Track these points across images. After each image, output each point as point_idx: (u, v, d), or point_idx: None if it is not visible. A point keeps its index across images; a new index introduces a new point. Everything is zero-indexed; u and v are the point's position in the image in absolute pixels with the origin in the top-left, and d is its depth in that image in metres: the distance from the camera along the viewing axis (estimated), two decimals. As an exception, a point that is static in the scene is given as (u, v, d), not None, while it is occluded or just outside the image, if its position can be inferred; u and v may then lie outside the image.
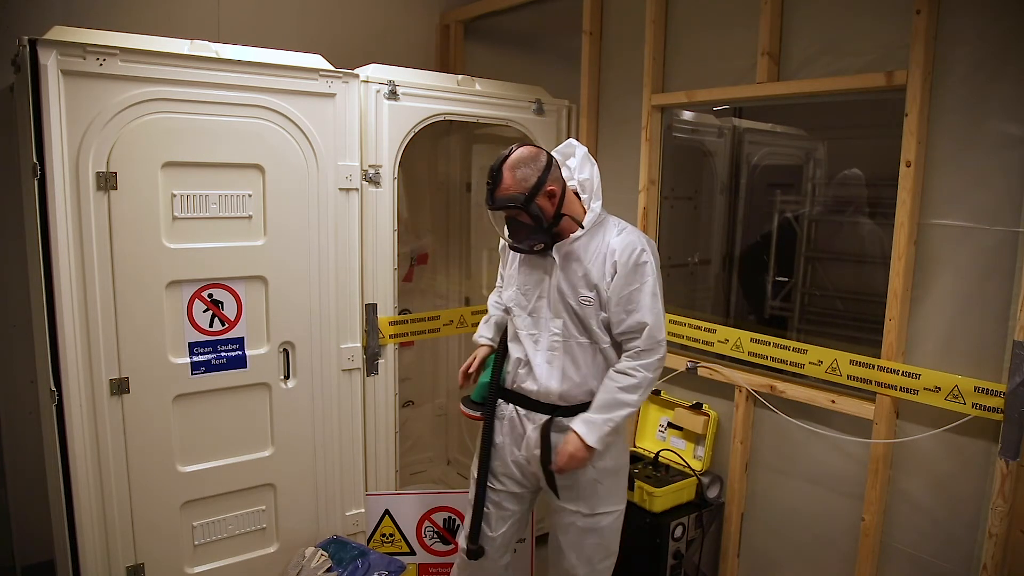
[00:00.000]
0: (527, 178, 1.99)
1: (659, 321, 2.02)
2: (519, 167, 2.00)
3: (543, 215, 2.01)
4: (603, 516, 2.15)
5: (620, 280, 2.02)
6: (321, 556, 2.54)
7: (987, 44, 2.07)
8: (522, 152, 2.03)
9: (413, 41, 3.89)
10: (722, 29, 2.75)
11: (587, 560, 2.17)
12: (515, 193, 1.99)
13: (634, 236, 2.07)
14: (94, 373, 2.17)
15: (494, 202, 2.02)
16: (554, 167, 2.05)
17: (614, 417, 2.01)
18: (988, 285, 2.10)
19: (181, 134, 2.25)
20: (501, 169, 2.01)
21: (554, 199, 2.02)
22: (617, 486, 2.18)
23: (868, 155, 3.62)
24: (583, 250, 2.06)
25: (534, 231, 2.04)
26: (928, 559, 2.27)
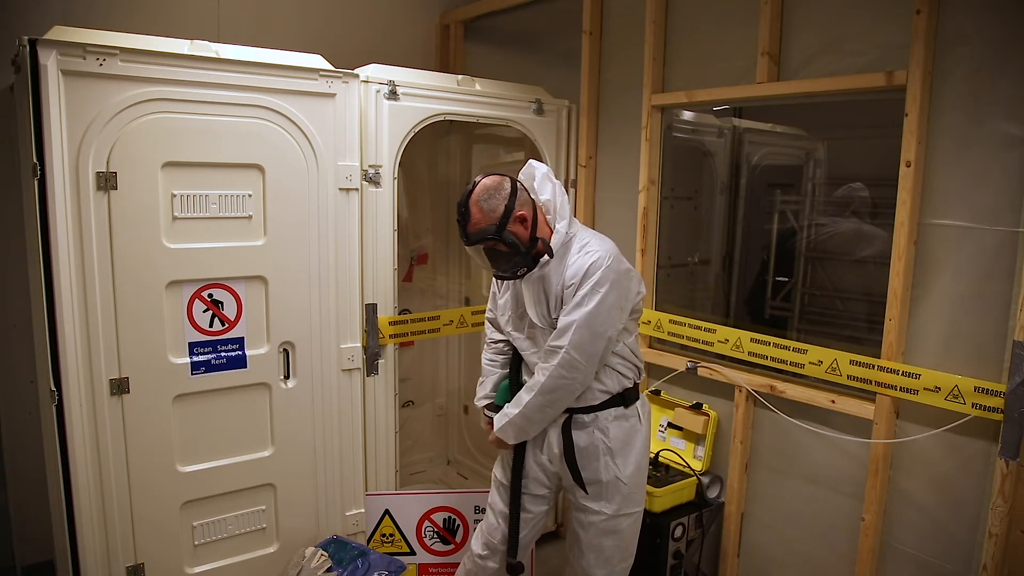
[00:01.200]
0: (495, 208, 2.00)
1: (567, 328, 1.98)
2: (485, 200, 2.01)
3: (519, 241, 2.02)
4: (625, 517, 2.17)
5: (571, 293, 2.02)
6: (321, 556, 2.54)
7: (987, 44, 2.07)
8: (486, 183, 2.04)
9: (413, 41, 3.89)
10: (722, 29, 2.75)
11: (606, 561, 2.18)
12: (486, 225, 2.00)
13: (594, 251, 2.03)
14: (94, 373, 2.17)
15: (468, 237, 2.03)
16: (520, 191, 2.05)
17: (510, 413, 2.13)
18: (988, 285, 2.10)
19: (181, 134, 2.24)
20: (468, 204, 2.02)
21: (526, 223, 2.04)
22: (638, 488, 2.20)
23: (868, 155, 3.62)
24: (553, 273, 2.08)
25: (514, 257, 2.05)
26: (928, 559, 2.27)
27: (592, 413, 2.12)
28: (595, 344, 2.01)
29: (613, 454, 2.12)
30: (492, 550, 2.29)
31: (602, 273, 1.99)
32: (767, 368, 2.65)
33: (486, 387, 2.38)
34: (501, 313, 2.28)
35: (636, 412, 2.17)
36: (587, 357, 2.01)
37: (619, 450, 2.12)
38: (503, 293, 2.27)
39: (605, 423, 2.12)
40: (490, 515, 2.32)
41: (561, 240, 2.07)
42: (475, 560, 2.33)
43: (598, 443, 2.12)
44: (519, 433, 2.15)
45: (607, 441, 2.12)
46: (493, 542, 2.29)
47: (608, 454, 2.12)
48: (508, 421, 2.13)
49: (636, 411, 2.17)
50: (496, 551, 2.29)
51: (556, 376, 2.02)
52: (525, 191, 2.08)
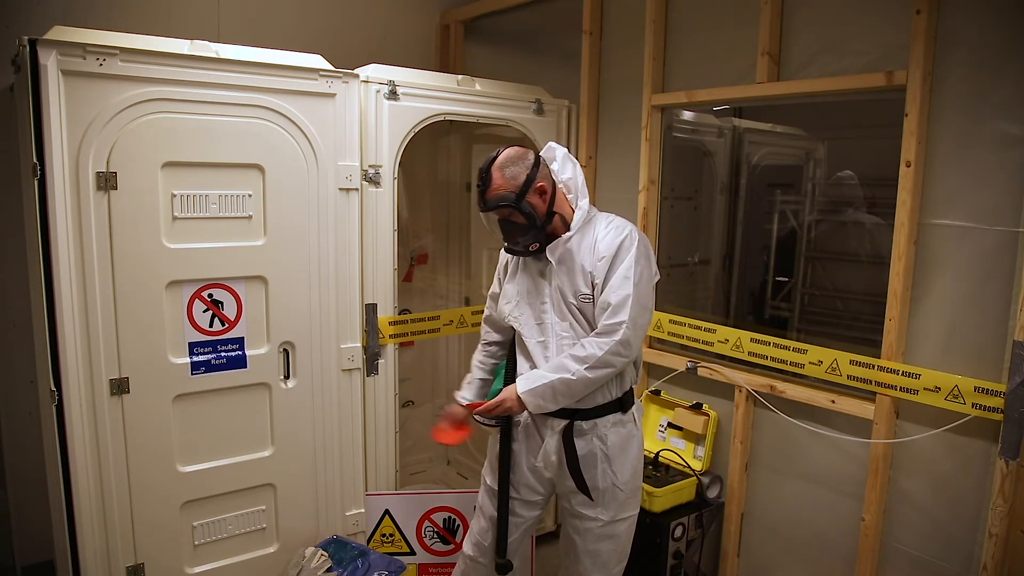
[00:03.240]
0: (516, 176, 2.00)
1: (622, 303, 1.95)
2: (508, 166, 2.01)
3: (535, 212, 2.02)
4: (621, 522, 2.15)
5: (604, 264, 2.01)
6: (321, 556, 2.54)
7: (987, 44, 2.07)
8: (510, 152, 2.04)
9: (413, 41, 3.89)
10: (722, 29, 2.75)
11: (603, 565, 2.16)
12: (506, 192, 1.99)
13: (621, 226, 2.06)
14: (94, 373, 2.17)
15: (486, 203, 2.02)
16: (542, 165, 2.06)
17: (550, 378, 1.99)
18: (988, 285, 2.10)
19: (181, 134, 2.24)
20: (490, 170, 2.01)
21: (545, 196, 2.03)
22: (634, 493, 2.18)
23: (868, 155, 3.62)
24: (576, 248, 2.06)
25: (528, 230, 2.04)
26: (928, 559, 2.27)
27: (591, 420, 2.08)
28: (646, 319, 2.03)
29: (611, 461, 2.10)
30: (482, 551, 2.28)
31: (637, 248, 2.00)
32: (767, 368, 2.65)
33: (472, 388, 2.32)
34: (508, 301, 2.20)
35: (632, 417, 2.15)
36: (640, 334, 2.01)
37: (616, 457, 2.10)
38: (512, 278, 2.21)
39: (604, 430, 2.09)
40: (480, 518, 2.29)
41: (583, 217, 2.06)
42: (467, 561, 2.33)
43: (596, 450, 2.09)
44: (548, 401, 2.02)
45: (605, 448, 2.09)
46: (483, 544, 2.28)
47: (606, 461, 2.09)
48: (546, 383, 1.98)
49: (632, 416, 2.15)
50: (486, 552, 2.28)
51: (614, 352, 1.97)
52: (546, 167, 2.08)
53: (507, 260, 2.26)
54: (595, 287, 2.03)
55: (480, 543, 2.28)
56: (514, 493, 2.22)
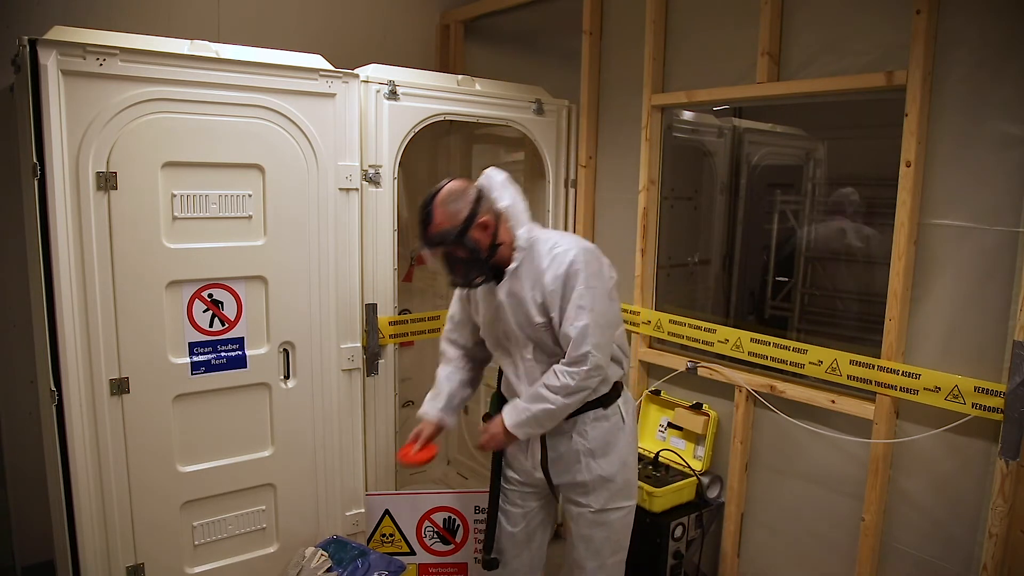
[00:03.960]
0: (458, 212, 1.98)
1: (583, 336, 1.96)
2: (449, 202, 1.99)
3: (478, 247, 2.00)
4: (614, 511, 2.17)
5: (554, 295, 2.00)
6: (321, 556, 2.54)
7: (987, 44, 2.07)
8: (451, 187, 2.02)
9: (413, 41, 3.89)
10: (722, 29, 2.75)
11: (596, 553, 2.19)
12: (448, 228, 1.98)
13: (563, 252, 2.01)
14: (94, 373, 2.17)
15: (429, 240, 2.01)
16: (484, 199, 2.03)
17: (533, 409, 2.03)
18: (988, 285, 2.10)
19: (181, 134, 2.24)
20: (431, 207, 2.00)
21: (488, 230, 2.01)
22: (627, 484, 2.20)
23: (868, 155, 3.62)
24: (522, 279, 2.05)
25: (471, 265, 2.03)
26: (928, 559, 2.27)
27: (571, 419, 2.11)
28: (609, 335, 2.04)
29: (594, 455, 2.12)
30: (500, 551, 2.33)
31: (585, 271, 1.98)
32: (767, 368, 2.65)
33: (439, 399, 2.32)
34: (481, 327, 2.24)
35: (618, 411, 2.16)
36: (607, 354, 2.04)
37: (600, 450, 2.12)
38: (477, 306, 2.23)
39: (583, 426, 2.12)
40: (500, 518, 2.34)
41: (525, 244, 2.05)
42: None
43: (577, 446, 2.12)
44: (535, 428, 2.09)
45: (586, 443, 2.12)
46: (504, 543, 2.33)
47: (589, 455, 2.12)
48: (529, 415, 2.04)
49: (618, 409, 2.16)
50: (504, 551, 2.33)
51: (584, 378, 1.99)
52: (488, 199, 2.05)
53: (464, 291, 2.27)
54: (548, 312, 2.03)
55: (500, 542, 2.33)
56: (516, 487, 2.29)
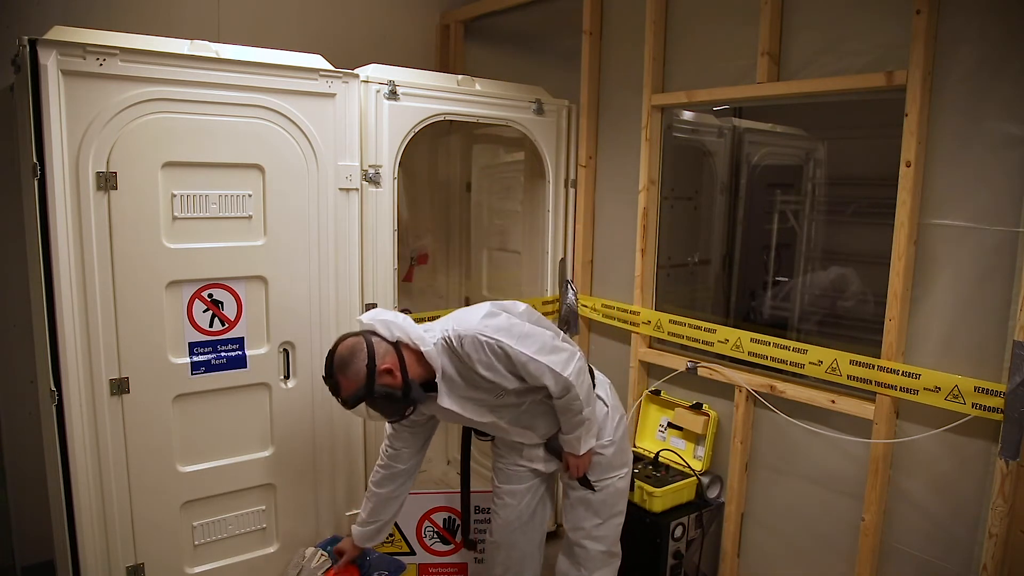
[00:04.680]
0: (358, 373, 1.98)
1: (552, 372, 2.02)
2: (344, 368, 1.99)
3: (393, 389, 2.01)
4: (607, 480, 2.31)
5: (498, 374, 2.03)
6: (321, 556, 2.54)
7: (987, 44, 2.07)
8: (340, 353, 2.01)
9: (413, 41, 3.89)
10: (722, 29, 2.75)
11: (594, 513, 2.33)
12: (356, 390, 1.99)
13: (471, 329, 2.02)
14: (94, 373, 2.17)
15: (346, 403, 2.04)
16: (376, 344, 2.02)
17: (579, 432, 2.18)
18: (988, 285, 2.10)
19: (181, 134, 2.24)
20: (334, 376, 2.01)
21: (394, 373, 2.01)
22: (615, 456, 2.32)
23: (868, 155, 3.62)
24: (455, 377, 2.08)
25: (396, 403, 2.05)
26: (928, 559, 2.27)
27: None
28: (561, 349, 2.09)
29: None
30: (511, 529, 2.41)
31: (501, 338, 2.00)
32: (767, 368, 2.65)
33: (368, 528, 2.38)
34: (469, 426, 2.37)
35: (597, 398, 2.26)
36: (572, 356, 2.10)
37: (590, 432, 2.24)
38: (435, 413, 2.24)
39: None
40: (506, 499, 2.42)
41: (436, 353, 2.05)
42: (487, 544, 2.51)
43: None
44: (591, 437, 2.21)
45: None
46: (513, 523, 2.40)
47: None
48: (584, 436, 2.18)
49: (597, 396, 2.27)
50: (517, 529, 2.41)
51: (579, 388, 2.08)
52: (382, 340, 2.04)
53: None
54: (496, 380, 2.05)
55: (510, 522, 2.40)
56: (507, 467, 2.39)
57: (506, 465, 2.38)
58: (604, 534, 2.34)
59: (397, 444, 2.32)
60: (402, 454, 2.32)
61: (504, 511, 2.39)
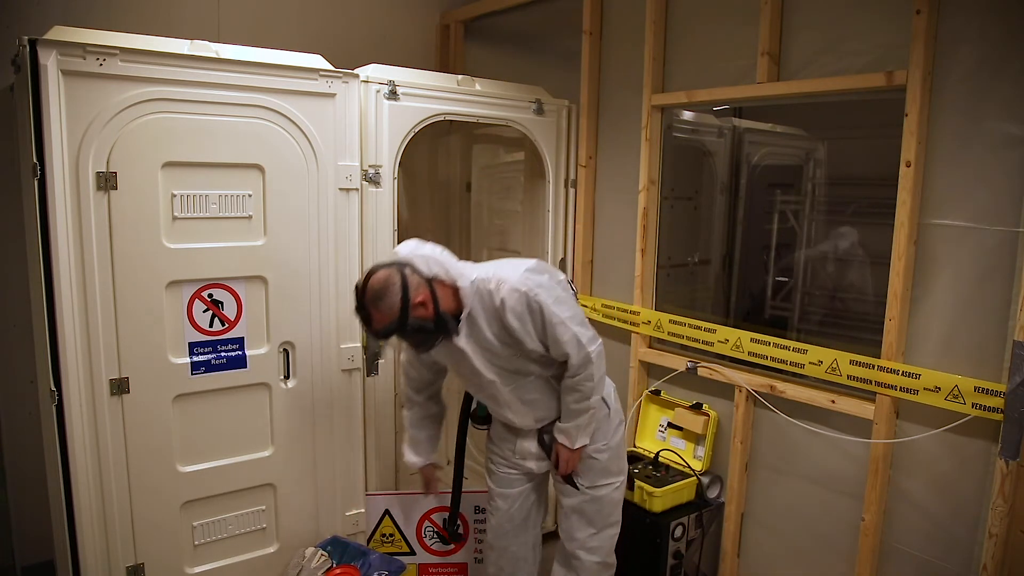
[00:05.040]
0: (392, 306, 1.98)
1: (577, 343, 2.04)
2: (379, 300, 1.98)
3: (426, 322, 2.02)
4: (603, 487, 2.30)
5: (523, 330, 2.04)
6: (321, 556, 2.54)
7: (987, 44, 2.07)
8: (373, 285, 1.99)
9: (413, 41, 3.89)
10: (722, 29, 2.75)
11: (589, 523, 2.31)
12: (389, 323, 1.99)
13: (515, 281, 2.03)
14: (94, 373, 2.17)
15: (377, 335, 2.04)
16: (409, 277, 2.01)
17: (580, 422, 2.16)
18: (988, 285, 2.09)
19: (181, 134, 2.24)
20: (366, 308, 2.00)
21: (427, 306, 2.01)
22: (611, 461, 2.31)
23: (868, 155, 3.62)
24: (479, 318, 2.08)
25: (428, 335, 2.05)
26: (928, 559, 2.27)
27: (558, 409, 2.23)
28: (590, 329, 2.12)
29: None
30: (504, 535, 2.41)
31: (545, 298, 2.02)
32: (767, 368, 2.65)
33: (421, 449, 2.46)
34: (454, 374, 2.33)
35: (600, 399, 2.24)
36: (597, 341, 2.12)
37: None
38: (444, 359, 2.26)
39: None
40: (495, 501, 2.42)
41: (470, 292, 2.06)
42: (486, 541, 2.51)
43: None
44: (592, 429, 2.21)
45: None
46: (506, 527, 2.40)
47: None
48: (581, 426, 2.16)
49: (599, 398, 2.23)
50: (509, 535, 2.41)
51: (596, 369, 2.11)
52: (415, 273, 2.03)
53: None
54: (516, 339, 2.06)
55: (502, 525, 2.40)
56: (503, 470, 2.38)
57: (498, 467, 2.38)
58: (598, 544, 2.32)
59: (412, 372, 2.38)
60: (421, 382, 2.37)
61: (495, 515, 2.40)
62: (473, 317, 2.07)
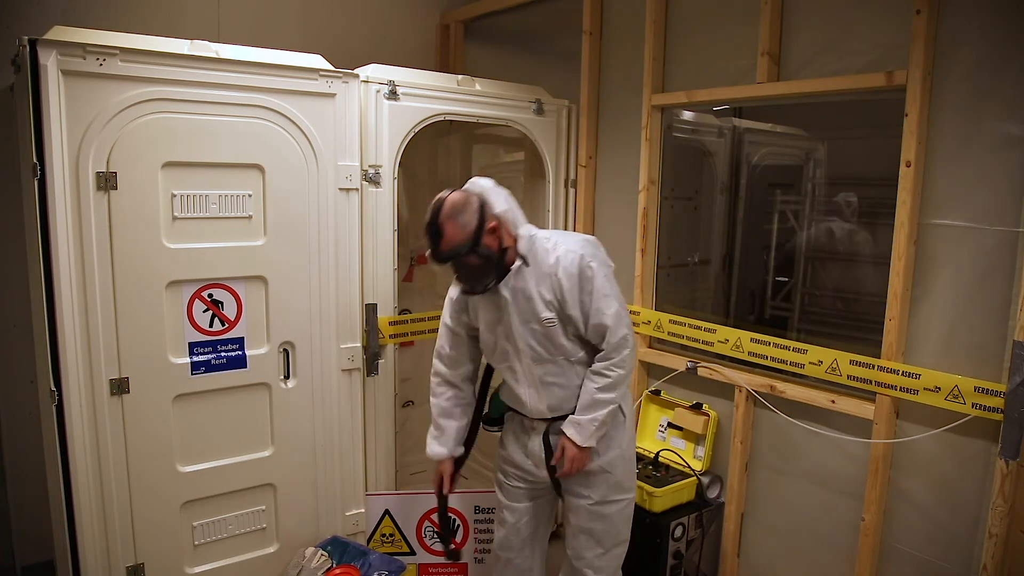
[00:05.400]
0: (468, 223, 1.98)
1: (618, 320, 2.05)
2: (457, 215, 1.98)
3: (491, 253, 2.02)
4: (612, 504, 2.21)
5: (572, 292, 2.04)
6: (321, 556, 2.54)
7: (987, 44, 2.07)
8: (454, 199, 2.01)
9: (413, 41, 3.89)
10: (722, 29, 2.75)
11: (597, 543, 2.23)
12: (461, 241, 1.98)
13: (573, 245, 2.07)
14: (94, 373, 2.17)
15: (440, 256, 2.00)
16: (486, 204, 2.03)
17: (597, 416, 2.08)
18: (988, 285, 2.10)
19: (181, 134, 2.24)
20: (439, 222, 1.98)
21: (496, 234, 2.03)
22: (625, 476, 2.24)
23: (868, 155, 3.62)
24: (528, 275, 2.08)
25: (487, 271, 2.05)
26: (928, 559, 2.27)
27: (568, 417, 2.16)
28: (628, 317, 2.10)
29: (596, 449, 2.16)
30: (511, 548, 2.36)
31: (599, 264, 2.06)
32: (767, 368, 2.65)
33: (448, 439, 2.32)
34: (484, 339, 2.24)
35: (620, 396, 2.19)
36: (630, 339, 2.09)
37: (600, 443, 2.15)
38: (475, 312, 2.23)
39: None
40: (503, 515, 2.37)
41: (528, 244, 2.08)
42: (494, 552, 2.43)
43: None
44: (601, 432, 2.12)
45: None
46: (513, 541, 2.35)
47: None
48: (598, 423, 2.07)
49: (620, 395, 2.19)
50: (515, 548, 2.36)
51: (629, 362, 2.08)
52: (489, 205, 2.05)
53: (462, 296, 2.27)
54: (557, 308, 2.06)
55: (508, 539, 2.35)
56: (513, 483, 2.32)
57: (508, 479, 2.33)
58: (606, 564, 2.24)
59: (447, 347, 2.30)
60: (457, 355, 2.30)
61: (503, 527, 2.36)
62: (523, 272, 2.07)
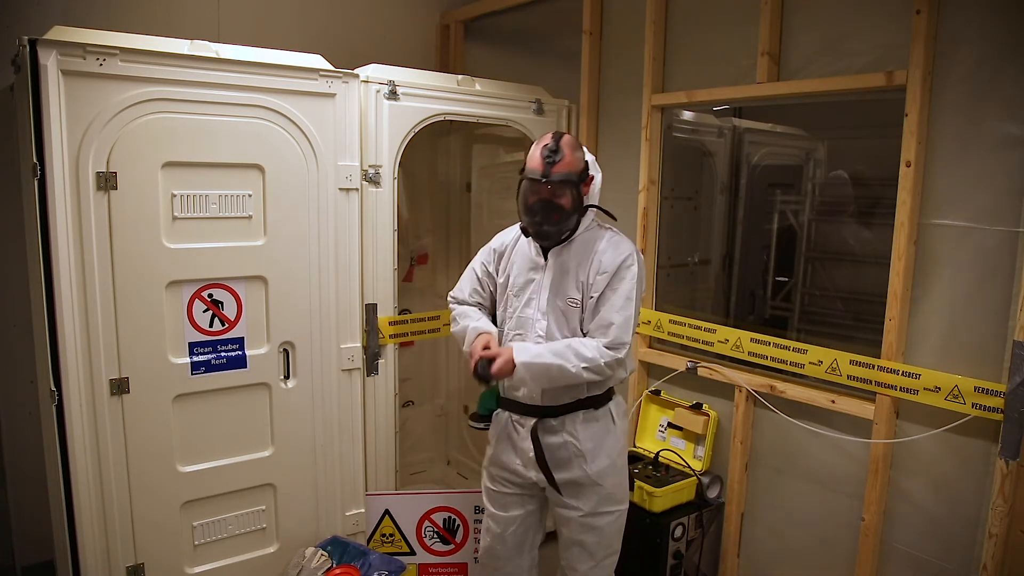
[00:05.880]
0: (580, 160, 2.07)
1: (626, 324, 2.04)
2: (575, 149, 2.07)
3: (579, 200, 2.06)
4: (604, 515, 2.17)
5: (603, 279, 2.06)
6: (321, 556, 2.54)
7: (987, 44, 2.07)
8: (571, 137, 2.10)
9: (413, 41, 3.89)
10: (722, 29, 2.75)
11: (590, 555, 2.20)
12: (570, 171, 2.03)
13: (625, 245, 2.12)
14: (94, 373, 2.17)
15: (551, 176, 2.01)
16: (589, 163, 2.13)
17: (550, 361, 1.99)
18: (988, 285, 2.10)
19: (181, 134, 2.24)
20: (561, 146, 2.04)
21: (586, 188, 2.09)
22: (616, 488, 2.20)
23: (868, 155, 3.62)
24: (575, 251, 2.11)
25: (568, 215, 2.05)
26: (928, 559, 2.27)
27: (559, 417, 2.13)
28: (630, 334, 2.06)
29: (585, 457, 2.13)
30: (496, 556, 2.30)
31: (638, 271, 2.08)
32: (767, 368, 2.65)
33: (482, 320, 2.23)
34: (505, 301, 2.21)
35: (608, 413, 2.17)
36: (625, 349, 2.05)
37: (590, 451, 2.13)
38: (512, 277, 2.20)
39: (573, 426, 2.13)
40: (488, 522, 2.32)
41: (589, 221, 2.12)
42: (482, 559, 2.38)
43: (569, 446, 2.13)
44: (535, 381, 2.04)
45: (577, 444, 2.13)
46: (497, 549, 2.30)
47: (580, 456, 2.13)
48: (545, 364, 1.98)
49: (608, 412, 2.17)
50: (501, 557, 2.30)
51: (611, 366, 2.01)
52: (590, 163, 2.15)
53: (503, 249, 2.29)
54: (586, 296, 2.07)
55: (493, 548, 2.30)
56: (503, 487, 2.27)
57: (495, 483, 2.28)
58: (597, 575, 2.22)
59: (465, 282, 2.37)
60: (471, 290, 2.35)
61: (488, 535, 2.31)
62: (572, 244, 2.11)
